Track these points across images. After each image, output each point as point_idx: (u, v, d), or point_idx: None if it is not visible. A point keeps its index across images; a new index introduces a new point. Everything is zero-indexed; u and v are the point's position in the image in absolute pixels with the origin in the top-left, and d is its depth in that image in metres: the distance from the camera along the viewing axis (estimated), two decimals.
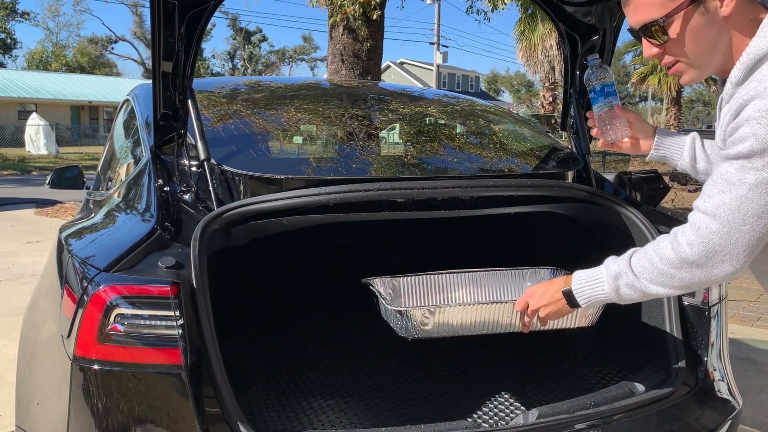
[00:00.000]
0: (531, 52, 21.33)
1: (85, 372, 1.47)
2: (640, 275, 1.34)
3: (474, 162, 2.40)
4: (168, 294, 1.46)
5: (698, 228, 1.25)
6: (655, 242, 1.35)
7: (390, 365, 2.39)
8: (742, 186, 1.20)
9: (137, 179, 2.14)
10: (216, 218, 1.70)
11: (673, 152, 1.67)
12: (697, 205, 1.28)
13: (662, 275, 1.31)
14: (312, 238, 2.88)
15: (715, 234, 1.23)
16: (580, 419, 1.68)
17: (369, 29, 7.91)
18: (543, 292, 1.54)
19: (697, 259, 1.26)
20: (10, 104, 32.52)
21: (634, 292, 1.37)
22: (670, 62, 1.33)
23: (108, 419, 1.46)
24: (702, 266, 1.26)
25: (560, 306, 1.50)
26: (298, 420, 1.94)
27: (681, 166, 1.68)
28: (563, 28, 2.27)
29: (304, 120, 2.61)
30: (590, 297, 1.45)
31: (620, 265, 1.38)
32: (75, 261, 1.69)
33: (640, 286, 1.35)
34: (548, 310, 1.53)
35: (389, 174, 2.16)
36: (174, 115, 2.02)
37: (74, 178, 3.25)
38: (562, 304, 1.50)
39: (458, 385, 2.22)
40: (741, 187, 1.20)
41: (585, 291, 1.45)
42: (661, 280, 1.32)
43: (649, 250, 1.34)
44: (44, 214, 9.76)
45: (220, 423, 1.48)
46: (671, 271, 1.30)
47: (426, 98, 3.36)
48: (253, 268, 2.89)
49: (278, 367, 2.37)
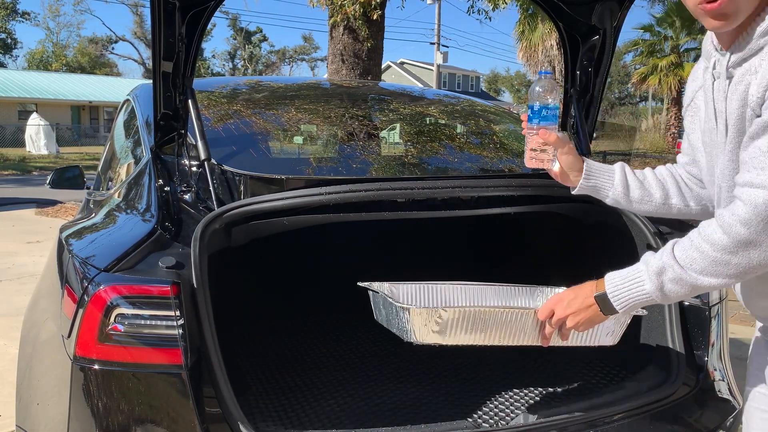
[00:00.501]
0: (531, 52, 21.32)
1: (85, 372, 1.47)
2: (688, 267, 1.21)
3: (474, 162, 2.40)
4: (168, 294, 1.47)
5: (755, 204, 1.13)
6: (700, 229, 1.22)
7: (390, 365, 2.38)
8: None
9: (138, 179, 2.14)
10: (216, 218, 1.70)
11: (604, 181, 1.55)
12: (747, 180, 1.16)
13: (716, 263, 1.18)
14: (312, 238, 2.88)
15: None
16: (580, 419, 1.68)
17: (369, 29, 7.91)
18: (572, 298, 1.36)
19: (756, 239, 1.14)
20: (10, 104, 32.52)
21: (681, 287, 1.23)
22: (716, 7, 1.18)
23: (108, 419, 1.46)
24: (760, 246, 1.14)
25: (592, 313, 1.34)
26: (298, 420, 1.94)
27: (612, 196, 1.55)
28: (563, 28, 2.27)
29: (304, 120, 2.61)
30: (629, 299, 1.29)
31: (663, 258, 1.24)
32: (75, 261, 1.70)
33: (689, 280, 1.21)
34: (578, 318, 1.36)
35: (389, 174, 2.16)
36: (174, 115, 2.02)
37: (75, 178, 3.25)
38: (594, 311, 1.33)
39: (458, 385, 2.21)
40: None
41: (622, 293, 1.29)
42: (714, 269, 1.18)
43: (695, 237, 1.21)
44: (45, 214, 9.76)
45: (220, 423, 1.48)
46: (726, 258, 1.17)
47: (426, 98, 3.36)
48: (254, 268, 2.89)
49: (279, 367, 2.37)
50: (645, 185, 1.54)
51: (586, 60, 2.27)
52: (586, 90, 2.35)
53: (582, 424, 1.68)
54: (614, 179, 1.54)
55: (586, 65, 2.28)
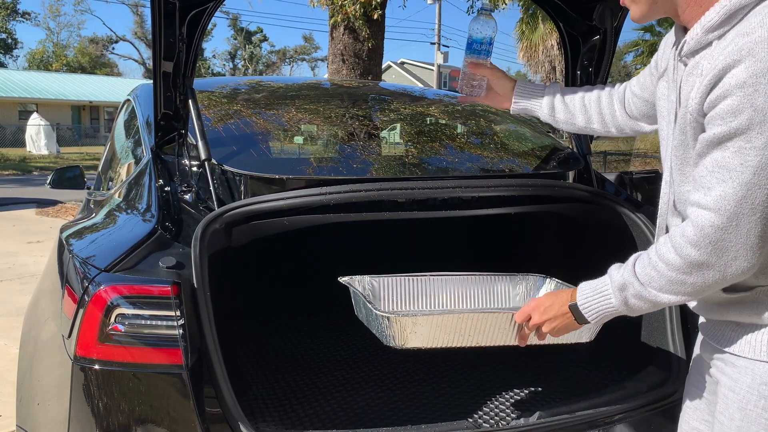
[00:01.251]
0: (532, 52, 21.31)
1: (85, 372, 1.47)
2: (648, 284, 1.20)
3: (475, 162, 2.40)
4: (169, 294, 1.47)
5: (701, 226, 1.11)
6: (657, 246, 1.21)
7: (390, 365, 2.38)
8: (744, 171, 1.05)
9: (138, 179, 2.15)
10: (217, 218, 1.70)
11: (533, 103, 1.70)
12: (695, 201, 1.13)
13: (672, 283, 1.17)
14: (313, 238, 2.88)
15: (722, 230, 1.09)
16: (580, 419, 1.68)
17: (370, 29, 7.91)
18: (549, 305, 1.37)
19: (707, 260, 1.12)
20: (11, 104, 32.53)
21: (644, 302, 1.23)
22: None
23: (109, 419, 1.46)
24: (713, 267, 1.12)
25: (567, 321, 1.35)
26: (298, 420, 1.94)
27: (542, 116, 1.70)
28: (564, 28, 2.27)
29: (304, 120, 2.61)
30: (598, 311, 1.30)
31: (624, 274, 1.24)
32: (76, 261, 1.70)
33: (649, 296, 1.21)
34: (554, 324, 1.36)
35: (390, 174, 2.16)
36: (175, 115, 2.03)
37: (75, 178, 3.25)
38: (569, 318, 1.34)
39: (458, 385, 2.21)
40: (744, 173, 1.05)
41: (592, 305, 1.30)
42: (671, 288, 1.18)
43: (653, 255, 1.20)
44: (45, 214, 9.77)
45: (220, 423, 1.48)
46: (681, 278, 1.16)
47: (427, 98, 3.36)
48: (254, 268, 2.89)
49: (279, 367, 2.37)
50: (569, 109, 1.67)
51: (587, 60, 2.27)
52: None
53: (582, 423, 1.68)
54: (542, 101, 1.69)
55: (586, 65, 2.27)
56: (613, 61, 2.28)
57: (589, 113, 1.66)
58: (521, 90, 1.72)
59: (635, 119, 1.60)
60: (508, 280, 1.99)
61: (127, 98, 3.08)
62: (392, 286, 1.90)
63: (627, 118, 1.61)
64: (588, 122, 1.67)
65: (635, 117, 1.59)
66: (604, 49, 2.21)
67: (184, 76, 1.96)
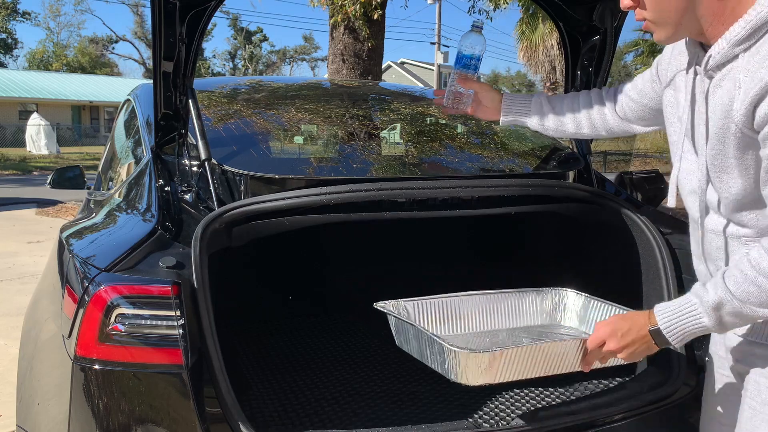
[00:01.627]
0: (532, 52, 21.30)
1: (86, 372, 1.47)
2: (747, 300, 1.20)
3: (475, 162, 2.40)
4: (169, 294, 1.46)
5: None
6: (752, 261, 1.20)
7: (390, 365, 2.38)
8: None
9: (138, 179, 2.15)
10: (217, 218, 1.70)
11: (522, 114, 1.74)
12: None
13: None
14: (313, 238, 2.88)
15: None
16: (581, 420, 1.68)
17: (370, 29, 7.90)
18: (626, 330, 1.33)
19: None
20: (11, 104, 32.54)
21: (740, 319, 1.23)
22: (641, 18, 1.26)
23: (109, 419, 1.46)
24: None
25: (646, 345, 1.32)
26: (298, 419, 1.94)
27: (531, 125, 1.75)
28: (564, 28, 2.27)
29: (304, 120, 2.61)
30: (685, 332, 1.28)
31: (719, 292, 1.22)
32: (76, 261, 1.70)
33: (749, 313, 1.21)
34: (632, 349, 1.33)
35: (390, 174, 2.16)
36: (175, 115, 2.02)
37: (75, 178, 3.25)
38: (648, 343, 1.32)
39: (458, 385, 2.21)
40: None
41: (677, 328, 1.28)
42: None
43: (748, 270, 1.20)
44: (45, 213, 9.77)
45: (221, 423, 1.48)
46: None
47: (427, 98, 3.36)
48: (254, 268, 2.89)
49: (279, 367, 2.37)
50: (558, 116, 1.72)
51: (587, 60, 2.27)
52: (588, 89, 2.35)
53: (582, 423, 1.67)
54: (530, 109, 1.74)
55: (586, 65, 2.28)
56: (613, 61, 2.28)
57: (578, 119, 1.73)
58: (509, 102, 1.77)
59: (628, 121, 1.66)
60: (535, 294, 1.97)
61: (128, 98, 3.08)
62: (426, 310, 1.84)
63: (619, 120, 1.68)
64: (578, 128, 1.74)
65: (629, 119, 1.66)
66: (604, 49, 2.21)
67: (184, 75, 1.96)
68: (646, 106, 1.59)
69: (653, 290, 1.95)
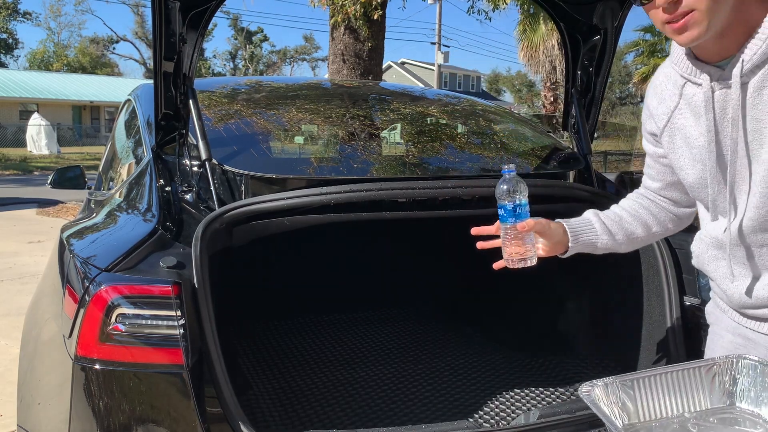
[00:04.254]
0: (532, 52, 21.32)
1: (86, 372, 1.47)
2: None
3: (475, 162, 2.40)
4: (169, 294, 1.47)
5: None
6: None
7: (390, 365, 2.39)
8: None
9: (139, 179, 2.15)
10: (217, 218, 1.70)
11: (590, 236, 1.52)
12: None
13: None
14: (313, 238, 2.88)
15: None
16: (581, 419, 1.68)
17: (370, 29, 7.91)
18: None
19: None
20: (11, 104, 32.55)
21: None
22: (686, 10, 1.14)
23: (109, 419, 1.47)
24: None
25: None
26: (298, 419, 1.94)
27: (602, 245, 1.52)
28: (564, 28, 2.27)
29: (305, 120, 2.61)
30: None
31: None
32: (76, 261, 1.70)
33: None
34: None
35: (390, 174, 2.16)
36: (175, 115, 2.03)
37: (76, 178, 3.26)
38: None
39: (459, 385, 2.22)
40: None
41: None
42: None
43: None
44: (46, 214, 9.77)
45: (221, 423, 1.48)
46: None
47: (427, 98, 3.36)
48: (255, 268, 2.89)
49: (279, 367, 2.38)
50: (624, 225, 1.53)
51: (587, 60, 2.27)
52: (587, 90, 2.35)
53: (582, 423, 1.67)
54: (596, 230, 1.53)
55: (587, 65, 2.28)
56: (613, 61, 2.28)
57: (643, 219, 1.55)
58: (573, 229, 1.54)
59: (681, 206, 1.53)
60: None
61: (128, 98, 3.08)
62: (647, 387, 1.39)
63: (676, 207, 1.53)
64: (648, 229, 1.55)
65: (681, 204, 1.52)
66: (604, 49, 2.21)
67: (184, 76, 1.96)
68: (676, 183, 1.46)
69: (653, 290, 1.95)
